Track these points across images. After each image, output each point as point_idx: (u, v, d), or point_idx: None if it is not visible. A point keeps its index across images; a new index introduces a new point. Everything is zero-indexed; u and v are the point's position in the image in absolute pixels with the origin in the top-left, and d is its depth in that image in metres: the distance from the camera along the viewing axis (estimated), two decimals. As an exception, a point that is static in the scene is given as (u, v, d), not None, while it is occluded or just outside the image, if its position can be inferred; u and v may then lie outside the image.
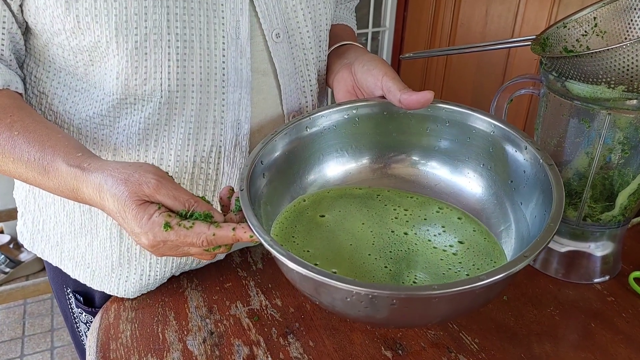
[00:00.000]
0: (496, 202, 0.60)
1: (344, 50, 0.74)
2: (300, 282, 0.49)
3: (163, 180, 0.49)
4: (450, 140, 0.64)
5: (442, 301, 0.44)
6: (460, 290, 0.42)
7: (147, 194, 0.49)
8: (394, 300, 0.43)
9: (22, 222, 0.74)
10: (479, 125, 0.61)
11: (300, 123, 0.63)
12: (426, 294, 0.42)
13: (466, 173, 0.63)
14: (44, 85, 0.62)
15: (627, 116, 0.60)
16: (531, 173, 0.56)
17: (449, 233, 0.59)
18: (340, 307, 0.47)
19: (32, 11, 0.56)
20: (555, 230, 0.46)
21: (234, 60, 0.61)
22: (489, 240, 0.58)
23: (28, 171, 0.54)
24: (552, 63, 0.64)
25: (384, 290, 0.42)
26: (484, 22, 2.08)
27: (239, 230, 0.49)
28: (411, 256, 0.57)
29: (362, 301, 0.44)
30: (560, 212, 0.48)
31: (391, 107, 0.63)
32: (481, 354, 0.61)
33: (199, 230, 0.48)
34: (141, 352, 0.62)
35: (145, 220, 0.48)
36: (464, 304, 0.47)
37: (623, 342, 0.63)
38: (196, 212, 0.50)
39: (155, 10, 0.55)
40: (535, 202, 0.55)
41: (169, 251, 0.50)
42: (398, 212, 0.62)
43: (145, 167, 0.50)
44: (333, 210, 0.62)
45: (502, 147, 0.60)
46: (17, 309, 1.95)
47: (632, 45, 0.56)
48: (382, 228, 0.60)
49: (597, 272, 0.72)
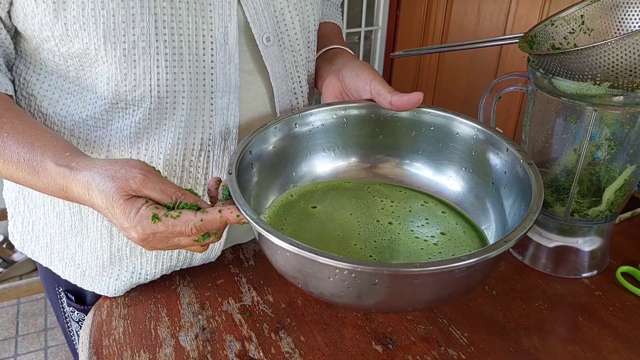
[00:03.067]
0: (478, 203, 0.62)
1: (331, 55, 0.75)
2: (284, 263, 0.49)
3: (149, 175, 0.50)
4: (434, 144, 0.65)
5: (423, 281, 0.44)
6: (441, 269, 0.42)
7: (134, 188, 0.49)
8: (376, 280, 0.43)
9: (12, 223, 0.75)
10: (462, 129, 0.63)
11: (290, 119, 0.63)
12: (407, 271, 0.42)
13: (449, 175, 0.65)
14: (33, 88, 0.62)
15: (613, 112, 0.61)
16: (512, 173, 0.58)
17: (432, 225, 0.61)
18: (324, 289, 0.47)
19: (21, 17, 0.56)
20: (535, 218, 0.48)
21: (222, 66, 0.61)
22: (468, 234, 0.60)
23: (18, 172, 0.54)
24: (540, 60, 0.65)
25: (367, 267, 0.43)
26: (476, 20, 2.09)
27: (225, 212, 0.49)
28: (394, 245, 0.58)
29: (344, 280, 0.44)
30: (540, 203, 0.50)
31: (379, 110, 0.65)
32: (470, 348, 0.62)
33: (187, 219, 0.49)
34: (134, 348, 0.62)
35: (133, 214, 0.48)
36: (446, 288, 0.47)
37: (610, 335, 0.64)
38: (183, 202, 0.50)
39: (142, 18, 0.55)
40: (515, 201, 0.56)
41: (159, 244, 0.51)
42: (385, 204, 0.64)
43: (131, 163, 0.51)
44: (325, 202, 0.63)
45: (484, 150, 0.62)
46: (10, 309, 1.95)
47: (616, 42, 0.56)
48: (369, 218, 0.61)
49: (585, 267, 0.73)
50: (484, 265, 0.45)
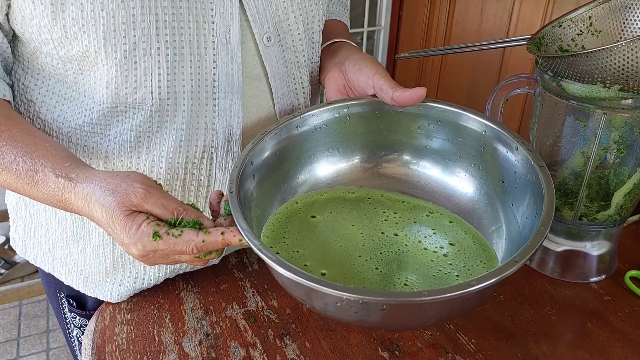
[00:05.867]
0: (487, 202, 0.60)
1: (335, 48, 0.73)
2: (290, 287, 0.48)
3: (151, 189, 0.49)
4: (441, 140, 0.63)
5: (432, 306, 0.43)
6: (451, 297, 0.41)
7: (135, 203, 0.48)
8: (384, 306, 0.43)
9: (14, 228, 0.74)
10: (471, 124, 0.61)
11: (291, 122, 0.62)
12: (416, 300, 0.42)
13: (457, 173, 0.63)
14: (32, 93, 0.61)
15: (623, 115, 0.60)
16: (522, 174, 0.56)
17: (439, 235, 0.59)
18: (332, 312, 0.47)
19: (19, 20, 0.55)
20: (546, 234, 0.46)
21: (224, 66, 0.60)
22: (479, 243, 0.58)
23: (16, 181, 0.53)
24: (548, 62, 0.64)
25: (374, 297, 0.42)
26: (479, 21, 2.08)
27: (227, 235, 0.49)
28: (402, 257, 0.56)
29: (352, 306, 0.43)
30: (551, 216, 0.48)
31: (382, 105, 0.63)
32: (478, 354, 0.61)
33: (188, 238, 0.48)
34: (137, 355, 0.61)
35: (134, 230, 0.48)
36: (455, 308, 0.47)
37: (619, 341, 0.63)
38: (185, 219, 0.49)
39: (143, 19, 0.54)
40: (526, 204, 0.54)
41: (159, 260, 0.50)
42: (387, 215, 0.62)
43: (132, 177, 0.49)
44: (324, 212, 0.62)
45: (494, 147, 0.59)
46: (12, 310, 1.95)
47: (627, 44, 0.56)
48: (372, 230, 0.60)
49: (593, 272, 0.72)
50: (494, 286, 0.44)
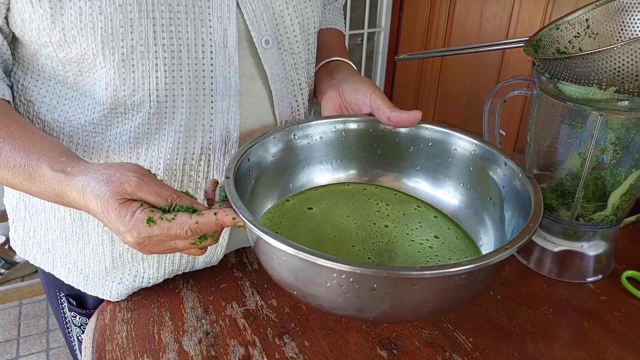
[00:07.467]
0: (476, 219, 0.62)
1: (332, 67, 0.75)
2: (280, 268, 0.48)
3: (144, 178, 0.49)
4: (432, 160, 0.65)
5: (422, 287, 0.44)
6: (441, 274, 0.42)
7: (129, 192, 0.48)
8: (374, 284, 0.43)
9: (14, 229, 0.74)
10: (460, 145, 0.63)
11: (290, 130, 0.64)
12: (407, 274, 0.42)
13: (447, 190, 0.65)
14: (31, 94, 0.62)
15: (619, 117, 0.61)
16: (510, 188, 0.58)
17: (425, 228, 0.61)
18: (321, 296, 0.46)
19: (18, 23, 0.56)
20: (536, 227, 0.48)
21: (222, 69, 0.61)
22: (461, 239, 0.60)
23: (14, 177, 0.54)
24: (545, 64, 0.65)
25: (366, 269, 0.42)
26: (479, 23, 2.08)
27: (220, 214, 0.49)
28: (392, 248, 0.58)
29: (342, 285, 0.43)
30: (540, 213, 0.49)
31: (377, 124, 0.65)
32: (475, 353, 0.62)
33: (182, 221, 0.48)
34: (137, 353, 0.62)
35: (128, 217, 0.48)
36: (447, 296, 0.46)
37: (616, 340, 0.63)
38: (179, 205, 0.49)
39: (141, 22, 0.55)
40: (514, 216, 0.56)
41: (155, 247, 0.50)
42: (380, 207, 0.64)
43: (126, 166, 0.50)
44: (321, 203, 0.64)
45: (483, 165, 0.62)
46: (12, 310, 1.95)
47: (623, 47, 0.56)
48: (365, 220, 0.62)
49: (590, 272, 0.72)
50: (484, 272, 0.45)
